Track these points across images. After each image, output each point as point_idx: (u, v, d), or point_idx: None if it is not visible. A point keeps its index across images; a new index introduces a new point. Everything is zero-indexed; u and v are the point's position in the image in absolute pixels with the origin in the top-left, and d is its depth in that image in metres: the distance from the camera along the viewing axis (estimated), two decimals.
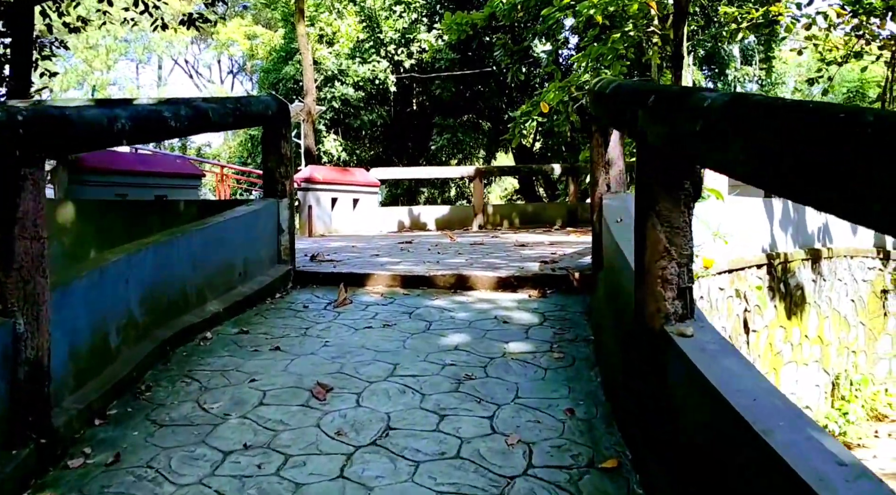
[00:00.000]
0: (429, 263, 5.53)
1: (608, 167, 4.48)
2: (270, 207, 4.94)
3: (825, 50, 17.30)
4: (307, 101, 14.83)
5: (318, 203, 11.91)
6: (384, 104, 22.36)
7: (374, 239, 9.73)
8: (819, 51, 17.22)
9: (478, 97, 23.71)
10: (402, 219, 13.42)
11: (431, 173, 13.94)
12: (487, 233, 11.09)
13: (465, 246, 7.57)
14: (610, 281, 3.57)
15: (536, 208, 14.42)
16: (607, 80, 3.60)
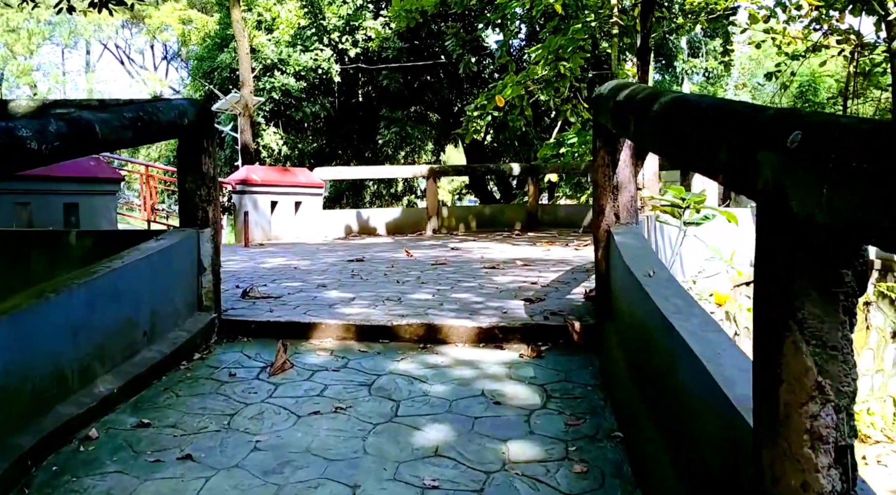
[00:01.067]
0: (388, 301, 4.54)
1: (617, 192, 3.58)
2: (188, 241, 3.88)
3: (784, 43, 16.89)
4: (244, 93, 13.60)
5: (256, 207, 10.76)
6: (328, 95, 21.13)
7: (320, 251, 8.68)
8: (776, 44, 16.80)
9: (427, 88, 22.68)
10: (349, 224, 12.35)
11: (381, 173, 12.90)
12: (444, 242, 10.14)
13: (426, 266, 6.60)
14: (645, 357, 2.67)
15: (494, 211, 13.54)
16: (640, 88, 2.68)
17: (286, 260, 7.46)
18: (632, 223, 3.61)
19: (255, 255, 8.20)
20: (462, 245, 9.45)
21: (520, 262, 6.58)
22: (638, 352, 2.79)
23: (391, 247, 9.40)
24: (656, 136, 2.20)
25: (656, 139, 2.23)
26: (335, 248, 9.30)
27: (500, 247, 8.94)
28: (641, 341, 2.73)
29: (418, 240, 10.83)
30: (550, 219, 13.15)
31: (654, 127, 2.20)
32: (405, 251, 7.99)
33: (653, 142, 2.30)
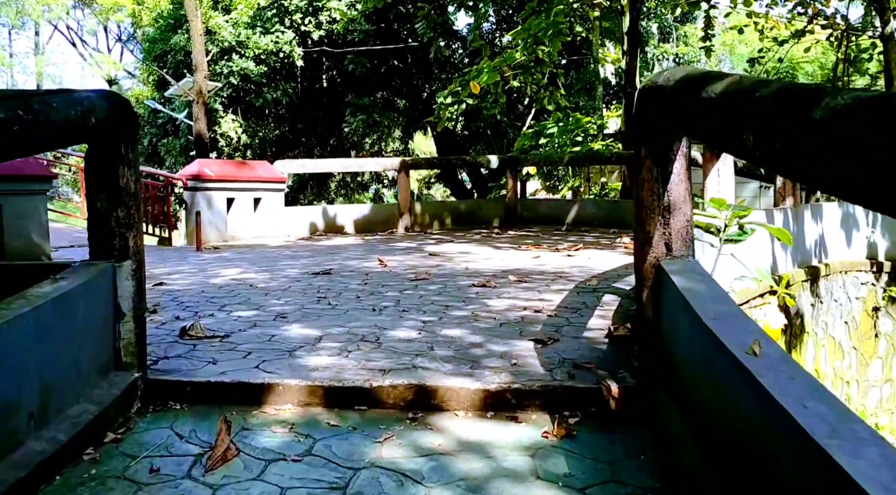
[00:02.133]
0: (363, 342, 3.63)
1: (668, 215, 2.71)
2: (101, 280, 2.93)
3: (766, 28, 16.23)
4: (197, 78, 12.47)
5: (211, 205, 9.72)
6: (290, 80, 19.96)
7: (281, 258, 7.70)
8: (759, 29, 16.14)
9: (394, 73, 21.62)
10: (314, 222, 11.37)
11: (349, 166, 11.92)
12: (419, 243, 9.22)
13: (404, 281, 5.69)
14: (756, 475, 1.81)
15: (470, 206, 12.66)
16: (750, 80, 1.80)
17: (241, 271, 6.49)
18: (688, 255, 2.75)
19: (206, 264, 7.20)
20: (440, 249, 8.55)
21: (512, 277, 5.70)
22: (737, 459, 1.93)
23: (361, 251, 8.47)
24: (840, 160, 1.32)
25: (834, 162, 1.35)
26: (298, 253, 8.33)
27: (483, 253, 8.07)
28: (747, 449, 1.87)
29: (390, 241, 9.91)
30: (531, 216, 12.32)
31: (831, 142, 1.32)
32: (378, 260, 7.07)
33: (821, 166, 1.42)
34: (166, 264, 7.24)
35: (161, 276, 6.18)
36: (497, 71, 13.54)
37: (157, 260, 7.69)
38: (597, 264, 6.63)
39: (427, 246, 9.06)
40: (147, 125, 19.79)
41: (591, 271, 6.09)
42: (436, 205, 12.82)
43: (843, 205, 8.14)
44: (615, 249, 8.22)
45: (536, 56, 13.58)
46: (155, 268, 6.80)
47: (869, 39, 15.62)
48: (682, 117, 2.21)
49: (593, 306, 4.47)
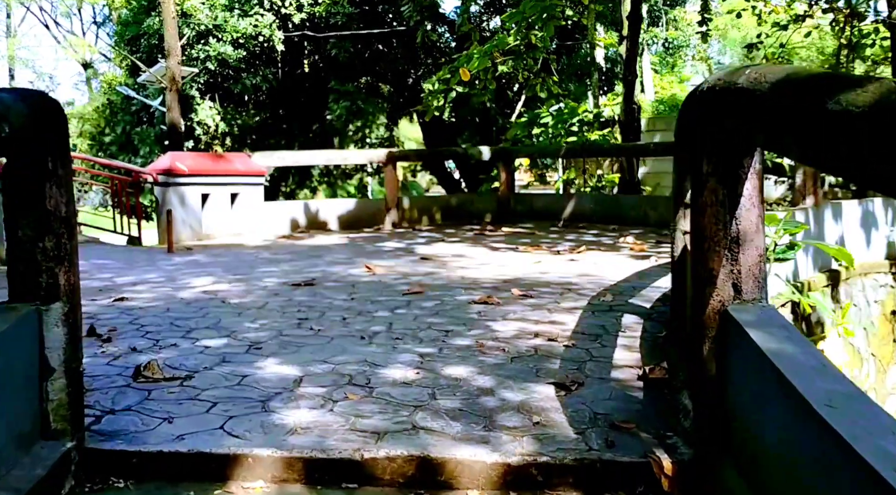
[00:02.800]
0: (352, 385, 3.05)
1: (737, 249, 2.15)
2: (20, 330, 2.32)
3: (765, 12, 15.72)
4: (170, 63, 11.74)
5: (184, 202, 9.07)
6: (270, 65, 19.22)
7: (259, 262, 7.08)
8: (757, 13, 15.62)
9: (379, 58, 20.92)
10: (295, 218, 10.73)
11: (332, 159, 11.28)
12: (409, 243, 8.63)
13: (395, 296, 5.10)
14: None
15: (461, 201, 12.06)
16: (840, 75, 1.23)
17: (214, 281, 5.87)
18: (761, 299, 2.19)
19: (177, 270, 6.57)
20: (431, 250, 7.96)
21: (516, 291, 5.13)
22: None
23: (347, 253, 7.87)
24: None
25: None
26: (278, 255, 7.72)
27: (479, 255, 7.49)
28: None
29: (377, 240, 9.31)
30: (524, 210, 11.75)
31: None
32: (366, 266, 6.47)
33: None
34: (133, 270, 6.60)
35: (124, 288, 5.55)
36: (488, 57, 12.93)
37: (123, 265, 7.04)
38: (605, 272, 6.08)
39: (417, 246, 8.47)
40: (120, 112, 19.01)
41: (601, 282, 5.53)
42: (425, 200, 12.22)
43: (864, 203, 7.64)
44: (619, 251, 7.67)
45: (529, 41, 12.99)
46: (119, 277, 6.17)
47: (871, 24, 15.16)
48: (797, 132, 1.64)
49: (614, 332, 3.91)
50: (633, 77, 11.58)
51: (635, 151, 11.58)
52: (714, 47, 52.04)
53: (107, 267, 6.87)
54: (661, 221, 10.22)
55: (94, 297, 5.11)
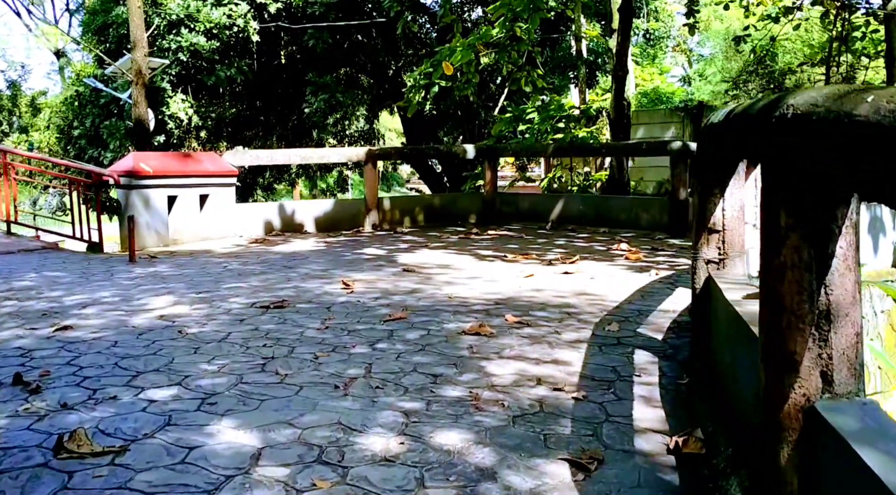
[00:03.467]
0: (321, 466, 2.49)
1: (828, 324, 1.63)
2: None
3: (753, 4, 15.27)
4: (136, 56, 11.05)
5: (148, 205, 8.45)
6: (245, 56, 18.47)
7: (227, 275, 6.49)
8: (743, 5, 15.16)
9: (358, 49, 20.24)
10: (270, 220, 10.13)
11: (309, 158, 10.67)
12: (389, 250, 8.07)
13: (373, 322, 4.55)
14: None
15: (445, 201, 11.50)
16: None
17: (173, 302, 5.28)
18: (857, 391, 1.67)
19: (134, 286, 5.97)
20: (414, 259, 7.40)
21: (510, 317, 4.59)
22: None
23: (323, 262, 7.29)
24: None
25: None
26: (248, 265, 7.13)
27: (466, 266, 6.95)
28: None
29: (356, 245, 8.74)
30: (510, 211, 11.23)
31: None
32: (342, 282, 5.90)
33: None
34: (86, 286, 5.99)
35: (72, 311, 4.96)
36: (471, 49, 12.40)
37: (77, 278, 6.42)
38: (604, 289, 5.57)
39: (399, 254, 7.92)
40: (89, 105, 18.16)
41: (602, 303, 5.02)
42: (407, 201, 11.65)
43: (871, 208, 7.20)
44: (615, 261, 7.17)
45: (514, 33, 12.47)
46: (69, 295, 5.56)
47: (862, 17, 14.76)
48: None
49: (628, 376, 3.40)
50: (623, 72, 11.06)
51: (626, 151, 11.09)
52: (693, 38, 51.61)
53: (59, 281, 6.25)
54: (653, 224, 9.75)
55: (35, 326, 4.51)
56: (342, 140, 26.71)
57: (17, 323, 4.61)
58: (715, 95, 32.16)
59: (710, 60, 34.34)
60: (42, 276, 6.51)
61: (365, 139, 27.68)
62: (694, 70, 46.36)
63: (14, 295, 5.57)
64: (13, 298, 5.43)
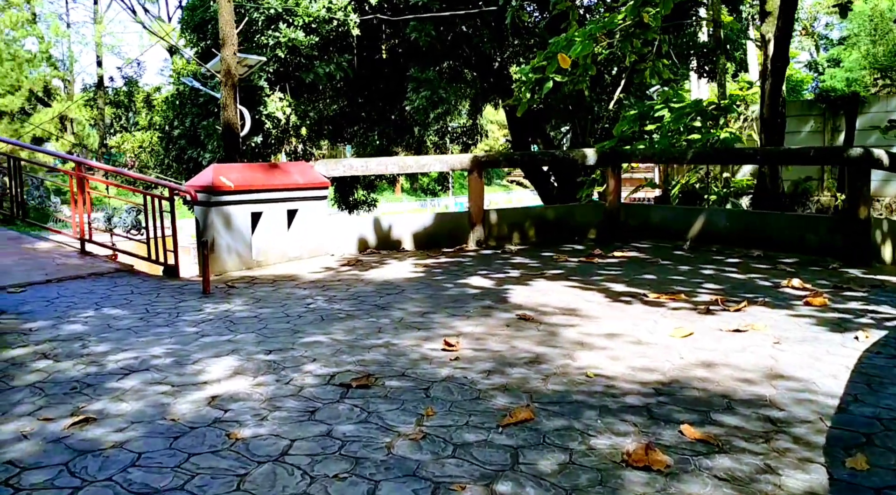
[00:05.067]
0: None
1: None
2: None
3: None
4: (225, 54, 10.20)
5: (229, 224, 7.49)
6: (345, 52, 17.58)
7: (308, 317, 5.37)
8: None
9: (463, 41, 18.97)
10: (364, 236, 9.04)
11: (407, 166, 9.47)
12: (499, 280, 6.75)
13: (489, 430, 3.26)
14: None
15: (559, 213, 10.07)
16: None
17: (235, 368, 4.18)
18: None
19: (195, 338, 4.94)
20: (530, 298, 6.06)
21: (688, 430, 3.18)
22: None
23: (421, 301, 6.07)
24: None
25: None
26: (335, 301, 6.01)
27: (597, 311, 5.55)
28: None
29: (459, 271, 7.48)
30: (637, 225, 9.68)
31: None
32: (445, 343, 4.64)
33: None
34: (141, 335, 5.01)
35: (109, 381, 3.95)
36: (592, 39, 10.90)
37: (137, 319, 5.47)
38: (802, 365, 4.08)
39: (510, 286, 6.60)
40: (188, 103, 17.77)
41: (813, 399, 3.54)
42: (515, 213, 10.30)
43: None
44: (794, 308, 5.59)
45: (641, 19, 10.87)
46: (118, 351, 4.58)
47: None
48: None
49: None
50: (783, 62, 9.25)
51: (787, 157, 9.25)
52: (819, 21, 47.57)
53: (114, 324, 5.31)
54: (821, 247, 8.00)
55: (53, 412, 3.49)
56: (443, 136, 25.60)
57: (33, 404, 3.60)
58: (851, 83, 28.95)
59: (852, 45, 30.99)
60: (99, 316, 5.59)
61: (467, 135, 26.48)
62: (825, 55, 42.50)
63: (54, 349, 4.63)
64: (51, 355, 4.49)
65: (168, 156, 18.77)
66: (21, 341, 4.81)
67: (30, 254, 7.59)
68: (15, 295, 6.34)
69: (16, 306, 5.88)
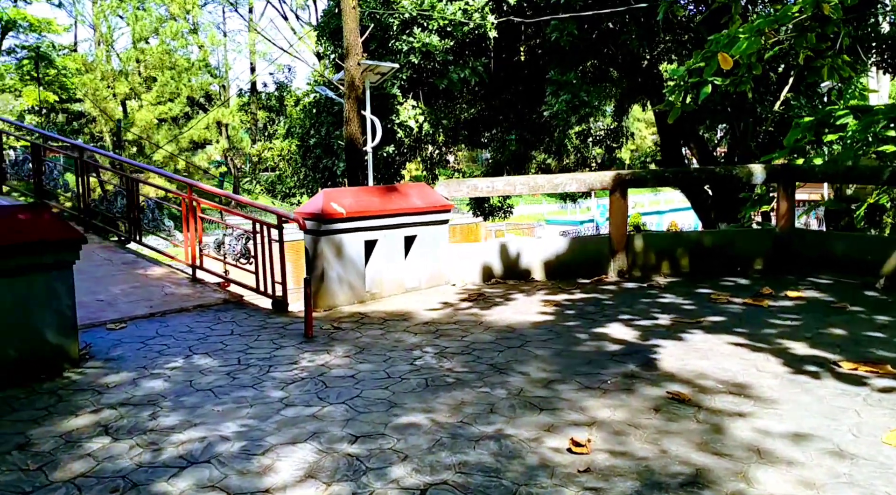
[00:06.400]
0: None
1: None
2: None
3: None
4: (349, 64, 9.63)
5: (341, 254, 6.83)
6: (481, 55, 16.77)
7: (416, 367, 4.53)
8: None
9: (607, 39, 17.58)
10: (489, 263, 8.14)
11: (539, 186, 8.44)
12: (646, 329, 5.61)
13: None
14: None
15: (717, 240, 8.67)
16: None
17: (307, 466, 3.41)
18: None
19: (277, 407, 4.24)
20: (684, 364, 4.89)
21: None
22: None
23: (546, 356, 5.07)
24: None
25: None
26: (445, 356, 5.15)
27: (775, 390, 4.31)
28: None
29: (596, 311, 6.40)
30: (814, 255, 8.13)
31: None
32: (571, 442, 3.62)
33: None
34: (220, 395, 4.39)
35: (163, 469, 3.31)
36: (759, 35, 9.37)
37: (224, 374, 4.87)
38: None
39: (658, 343, 5.46)
40: (324, 112, 17.65)
41: None
42: (664, 239, 9.01)
43: None
44: None
45: (820, 11, 9.22)
46: (187, 425, 3.96)
47: None
48: None
49: None
50: None
51: None
52: None
53: (197, 381, 4.73)
54: None
55: None
56: (585, 139, 24.22)
57: None
58: None
59: None
60: (186, 367, 5.04)
61: (611, 137, 24.90)
62: None
63: (120, 418, 4.06)
64: (113, 429, 3.91)
65: (305, 165, 18.80)
66: (91, 404, 4.29)
67: (140, 282, 7.30)
68: (114, 332, 5.97)
69: (108, 349, 5.47)
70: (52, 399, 4.39)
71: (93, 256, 7.93)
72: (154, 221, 7.92)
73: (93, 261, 7.78)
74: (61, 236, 4.89)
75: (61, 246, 4.89)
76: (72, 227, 5.02)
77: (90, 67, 34.00)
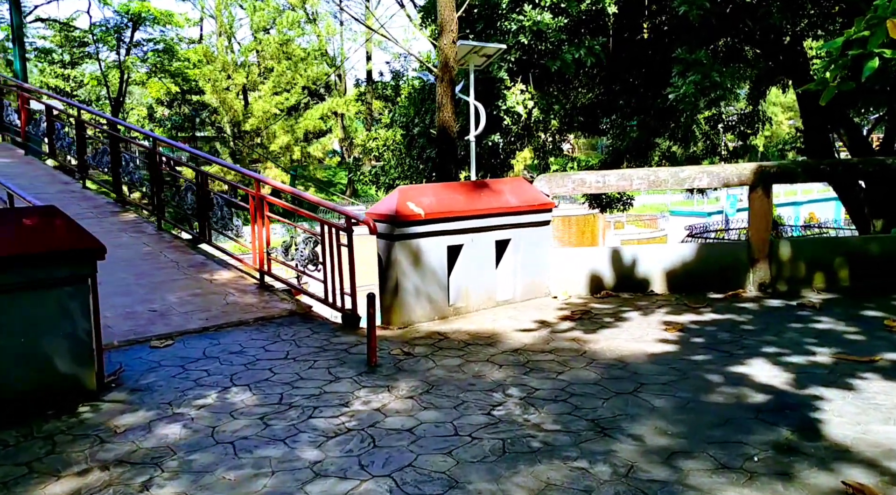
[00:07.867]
0: None
1: None
2: None
3: None
4: (442, 43, 8.59)
5: (418, 262, 5.82)
6: (598, 34, 15.28)
7: (494, 419, 3.46)
8: None
9: (745, 12, 15.63)
10: (597, 272, 6.89)
11: (661, 180, 7.04)
12: (798, 367, 4.22)
13: None
14: None
15: (886, 247, 6.98)
16: None
17: None
18: None
19: (309, 470, 3.30)
20: (858, 419, 3.54)
21: None
22: None
23: (667, 407, 3.84)
24: None
25: None
26: (534, 397, 4.03)
27: None
28: None
29: (732, 341, 5.06)
30: None
31: None
32: None
33: None
34: (241, 453, 3.52)
35: None
36: None
37: (250, 421, 3.97)
38: None
39: (819, 391, 4.09)
40: (428, 99, 16.75)
41: None
42: (818, 245, 7.40)
43: None
44: None
45: None
46: None
47: None
48: None
49: None
50: None
51: None
52: None
53: (221, 428, 3.85)
54: None
55: None
56: (715, 124, 22.08)
57: None
58: None
59: None
60: (216, 407, 4.17)
61: (745, 123, 22.54)
62: None
63: (107, 485, 3.21)
64: None
65: (410, 155, 18.00)
66: (83, 460, 3.48)
67: (202, 288, 6.59)
68: (157, 350, 5.24)
69: (140, 374, 4.71)
70: (44, 448, 3.62)
71: (160, 257, 7.31)
72: (222, 220, 7.20)
73: (158, 262, 7.16)
74: (76, 245, 4.13)
75: (76, 257, 4.13)
76: (89, 235, 4.26)
77: (211, 58, 34.83)
